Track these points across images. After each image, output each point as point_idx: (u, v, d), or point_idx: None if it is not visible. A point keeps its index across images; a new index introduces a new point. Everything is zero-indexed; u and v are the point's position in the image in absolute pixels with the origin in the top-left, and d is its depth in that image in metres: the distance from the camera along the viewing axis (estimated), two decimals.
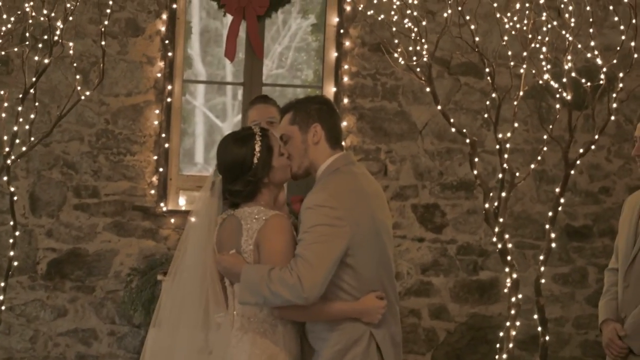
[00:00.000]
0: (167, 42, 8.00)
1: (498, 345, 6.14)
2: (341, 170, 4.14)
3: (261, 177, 4.17)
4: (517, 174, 6.08)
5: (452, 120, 5.96)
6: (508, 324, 5.94)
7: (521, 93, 5.92)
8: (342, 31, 7.92)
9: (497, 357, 6.05)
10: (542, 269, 5.91)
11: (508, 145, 5.96)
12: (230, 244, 4.19)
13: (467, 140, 5.91)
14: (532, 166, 6.02)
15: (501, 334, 6.02)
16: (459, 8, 5.93)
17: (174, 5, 7.94)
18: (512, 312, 5.92)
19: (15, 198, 6.58)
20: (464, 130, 6.04)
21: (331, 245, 3.92)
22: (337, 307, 4.02)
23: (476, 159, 5.95)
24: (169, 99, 8.05)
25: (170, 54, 8.02)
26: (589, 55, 5.86)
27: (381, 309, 4.06)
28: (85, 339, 8.02)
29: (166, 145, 7.83)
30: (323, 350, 4.07)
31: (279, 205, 4.38)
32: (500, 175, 5.95)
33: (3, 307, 6.60)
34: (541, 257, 5.89)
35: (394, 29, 6.33)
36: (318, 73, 8.32)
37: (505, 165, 5.88)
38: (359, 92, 8.03)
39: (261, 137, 4.21)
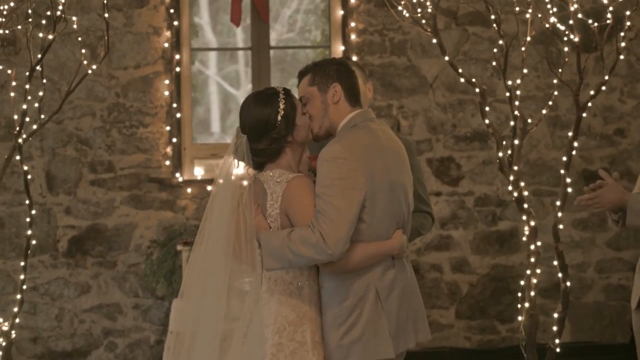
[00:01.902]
0: (172, 11, 8.01)
1: (520, 295, 6.14)
2: (359, 125, 4.18)
3: (285, 135, 4.20)
4: (529, 120, 6.05)
5: (460, 71, 5.92)
6: (528, 272, 5.93)
7: (528, 38, 5.87)
8: None
9: (519, 306, 6.05)
10: (560, 214, 5.89)
11: (519, 93, 5.92)
12: (259, 207, 4.26)
13: (477, 90, 5.89)
14: (544, 112, 5.98)
15: (522, 282, 6.02)
16: None
17: None
18: (532, 260, 5.91)
19: (29, 177, 6.59)
20: (473, 80, 6.01)
21: (350, 198, 3.94)
22: (373, 248, 4.07)
23: (487, 108, 5.91)
24: (177, 69, 8.08)
25: (176, 23, 8.04)
26: None
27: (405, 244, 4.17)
28: (111, 314, 8.12)
29: (178, 115, 7.87)
30: (333, 306, 4.12)
31: (303, 166, 4.41)
32: (512, 123, 5.93)
33: (25, 287, 6.61)
34: (557, 203, 5.88)
35: None
36: (326, 33, 8.30)
37: (516, 113, 5.85)
38: (367, 49, 8.02)
39: (284, 96, 4.26)
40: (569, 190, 5.85)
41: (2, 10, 6.23)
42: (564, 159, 5.89)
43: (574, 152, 5.89)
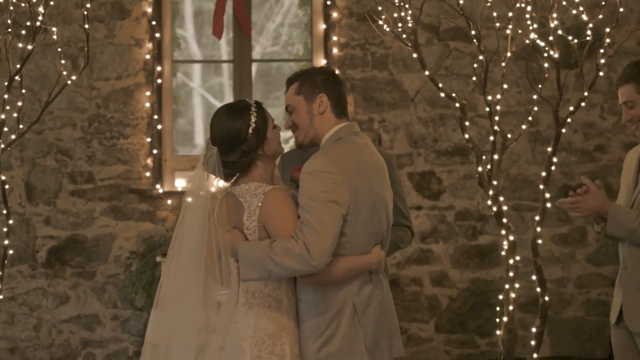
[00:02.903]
0: (154, 23, 8.12)
1: (499, 309, 6.18)
2: (343, 139, 4.19)
3: (256, 148, 4.22)
4: (509, 135, 6.08)
5: (441, 86, 5.94)
6: (507, 286, 5.96)
7: (509, 54, 5.91)
8: (328, 3, 7.94)
9: (497, 320, 6.08)
10: (539, 229, 5.91)
11: (499, 108, 5.95)
12: (231, 222, 4.24)
13: (457, 105, 5.92)
14: (524, 127, 6.01)
15: (501, 297, 6.05)
16: None
17: None
18: (511, 274, 5.92)
19: (7, 187, 6.59)
20: (454, 95, 6.04)
21: (333, 212, 3.96)
22: (352, 262, 4.09)
23: (467, 123, 5.93)
24: (159, 80, 8.21)
25: (157, 35, 8.14)
26: (574, 12, 5.86)
27: (382, 258, 4.20)
28: (89, 325, 8.14)
29: (159, 126, 7.92)
30: (311, 319, 4.14)
31: (275, 179, 4.43)
32: (492, 138, 5.96)
33: (2, 297, 6.60)
34: (537, 218, 5.91)
35: None
36: (308, 47, 8.38)
37: (496, 128, 5.87)
38: (349, 63, 8.12)
39: (256, 109, 4.28)
40: (548, 205, 5.88)
41: None
42: (544, 174, 5.93)
43: (553, 168, 5.93)
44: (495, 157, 5.96)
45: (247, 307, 4.21)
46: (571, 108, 5.89)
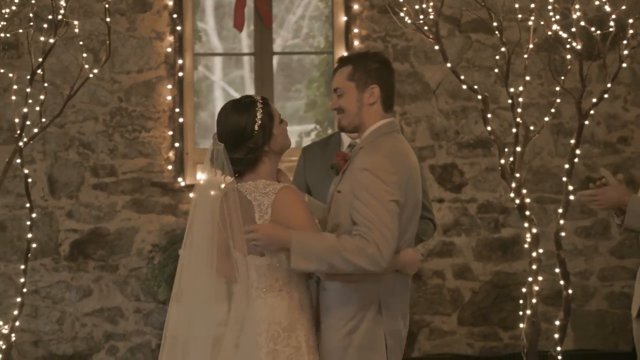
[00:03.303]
0: (175, 16, 8.20)
1: (522, 302, 6.21)
2: (389, 135, 4.23)
3: (262, 145, 4.26)
4: (532, 127, 6.11)
5: (462, 77, 6.00)
6: (530, 279, 5.99)
7: (531, 46, 5.96)
8: None
9: (521, 313, 6.10)
10: (562, 221, 5.95)
11: (521, 100, 6.01)
12: (242, 218, 4.29)
13: (479, 97, 5.94)
14: (547, 119, 6.06)
15: (524, 289, 6.08)
16: None
17: None
18: (534, 267, 5.97)
19: (30, 180, 6.75)
20: (476, 87, 6.08)
21: (395, 210, 4.01)
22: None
23: (490, 115, 5.98)
24: (180, 74, 8.27)
25: (179, 28, 8.22)
26: (597, 2, 5.89)
27: (418, 262, 4.24)
28: (112, 318, 8.26)
29: (180, 119, 8.01)
30: (336, 309, 4.20)
31: (281, 175, 4.50)
32: (514, 130, 5.99)
33: (26, 290, 6.74)
34: (560, 211, 5.93)
35: None
36: (329, 39, 8.45)
37: (518, 120, 5.91)
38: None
39: (262, 105, 4.31)
40: (571, 197, 5.92)
41: (4, 14, 6.39)
42: (566, 166, 5.96)
43: (576, 160, 5.98)
44: (518, 149, 6.01)
45: (260, 301, 4.28)
46: (594, 100, 5.95)
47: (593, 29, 5.85)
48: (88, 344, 8.35)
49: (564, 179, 6.03)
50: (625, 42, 5.80)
